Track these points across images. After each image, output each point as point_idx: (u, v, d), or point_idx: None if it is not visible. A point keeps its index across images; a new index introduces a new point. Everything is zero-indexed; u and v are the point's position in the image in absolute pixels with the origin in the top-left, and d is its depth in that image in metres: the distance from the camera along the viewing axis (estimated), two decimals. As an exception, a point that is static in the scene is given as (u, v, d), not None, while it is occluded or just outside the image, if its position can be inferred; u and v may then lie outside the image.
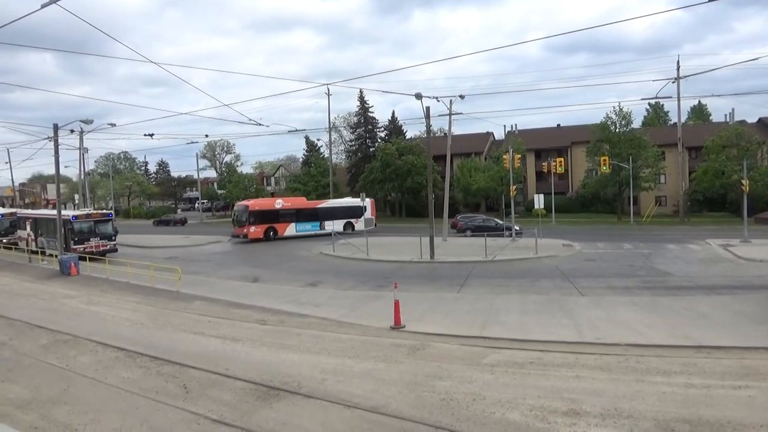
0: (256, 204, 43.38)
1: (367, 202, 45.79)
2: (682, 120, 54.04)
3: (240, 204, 45.14)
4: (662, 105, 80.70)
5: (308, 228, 43.73)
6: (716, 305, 16.23)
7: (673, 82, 45.85)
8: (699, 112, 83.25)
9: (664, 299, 17.32)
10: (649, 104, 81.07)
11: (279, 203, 44.61)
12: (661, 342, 12.52)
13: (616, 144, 50.30)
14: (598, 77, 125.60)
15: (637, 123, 59.97)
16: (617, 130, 51.25)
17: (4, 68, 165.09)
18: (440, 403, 8.96)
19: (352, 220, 46.15)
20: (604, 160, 46.02)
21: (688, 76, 46.90)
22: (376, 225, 48.14)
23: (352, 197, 52.73)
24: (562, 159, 50.59)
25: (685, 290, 19.00)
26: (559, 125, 72.15)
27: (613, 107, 52.15)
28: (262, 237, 41.31)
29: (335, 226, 42.46)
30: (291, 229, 43.22)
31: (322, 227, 43.87)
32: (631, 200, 51.69)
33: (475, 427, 8.00)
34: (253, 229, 41.18)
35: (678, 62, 47.95)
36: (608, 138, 51.08)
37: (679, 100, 49.02)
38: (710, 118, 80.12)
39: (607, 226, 47.43)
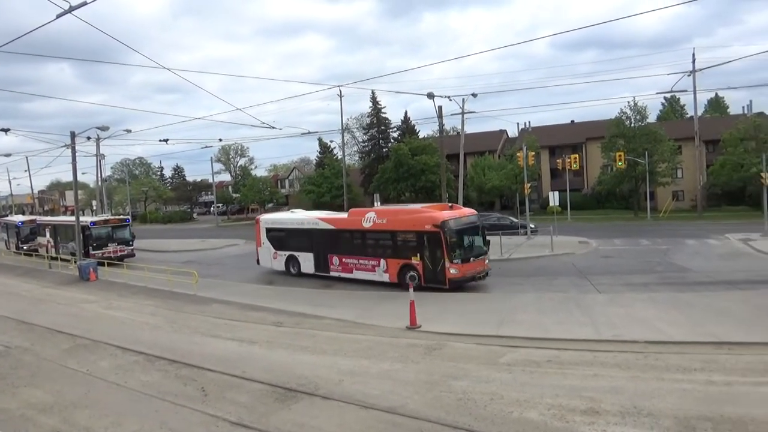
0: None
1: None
2: (699, 113, 53.30)
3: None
4: (678, 99, 79.41)
5: None
6: (737, 301, 15.98)
7: (688, 76, 45.16)
8: (716, 104, 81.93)
9: (684, 295, 17.08)
10: (665, 98, 79.94)
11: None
12: (681, 339, 12.37)
13: (631, 139, 49.66)
14: (610, 73, 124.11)
15: (652, 117, 58.99)
16: (632, 124, 50.61)
17: (25, 79, 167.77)
18: (457, 403, 8.93)
19: None
20: (620, 155, 45.48)
21: (704, 69, 46.09)
22: None
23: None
24: (577, 155, 50.04)
25: (705, 286, 18.71)
26: (572, 121, 71.41)
27: (628, 102, 51.52)
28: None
29: None
30: None
31: None
32: (647, 195, 50.96)
33: (493, 427, 7.96)
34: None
35: (693, 55, 47.21)
36: (623, 133, 50.43)
37: (695, 93, 48.29)
38: (728, 110, 78.80)
39: (624, 222, 46.90)
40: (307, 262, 24.33)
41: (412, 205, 24.80)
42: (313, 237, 24.00)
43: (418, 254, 20.02)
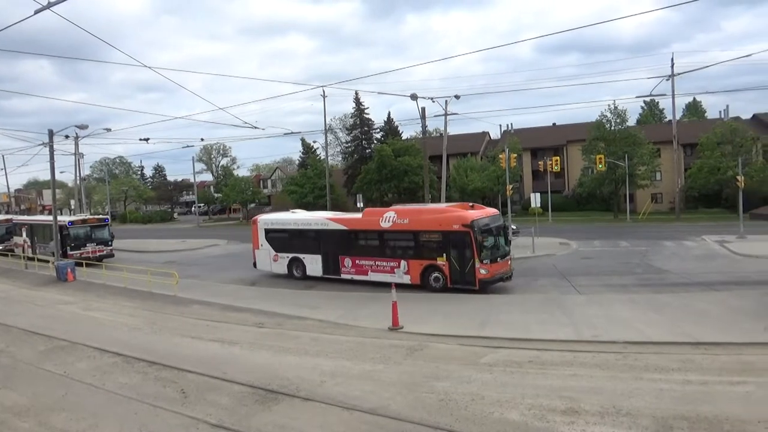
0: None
1: None
2: (677, 117, 54.13)
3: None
4: (657, 103, 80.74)
5: None
6: (713, 302, 16.26)
7: (667, 80, 45.91)
8: (694, 109, 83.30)
9: (662, 296, 17.35)
10: (644, 102, 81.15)
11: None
12: (658, 339, 12.56)
13: (611, 142, 50.33)
14: (591, 76, 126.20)
15: (632, 121, 59.81)
16: (612, 128, 51.28)
17: (2, 76, 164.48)
18: (439, 404, 8.95)
19: None
20: (600, 158, 46.05)
21: (682, 73, 46.85)
22: None
23: None
24: (558, 158, 50.57)
25: (683, 287, 19.02)
26: (554, 124, 72.10)
27: (608, 105, 52.22)
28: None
29: None
30: None
31: None
32: (627, 198, 51.68)
33: (474, 427, 8.00)
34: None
35: (672, 59, 48.02)
36: (604, 136, 51.09)
37: (673, 97, 49.08)
38: (705, 114, 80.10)
39: (604, 224, 47.47)
40: (313, 264, 23.14)
41: (432, 205, 24.26)
42: (321, 238, 22.92)
43: (444, 254, 19.40)
